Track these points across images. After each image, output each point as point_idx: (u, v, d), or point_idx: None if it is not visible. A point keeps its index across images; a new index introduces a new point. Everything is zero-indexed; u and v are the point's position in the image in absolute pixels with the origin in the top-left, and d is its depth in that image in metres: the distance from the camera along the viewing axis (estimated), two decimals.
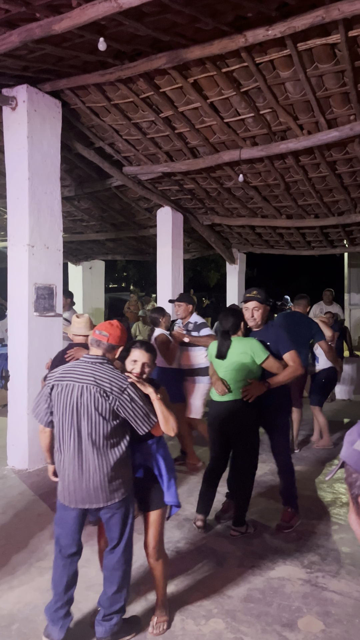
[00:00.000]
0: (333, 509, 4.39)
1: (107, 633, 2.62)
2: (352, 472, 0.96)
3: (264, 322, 3.96)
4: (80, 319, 4.20)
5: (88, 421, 2.53)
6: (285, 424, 4.07)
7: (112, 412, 2.54)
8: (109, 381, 2.55)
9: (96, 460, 2.55)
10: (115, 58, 4.94)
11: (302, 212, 7.95)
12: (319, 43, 4.42)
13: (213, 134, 6.11)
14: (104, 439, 2.54)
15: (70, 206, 9.07)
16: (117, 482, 2.58)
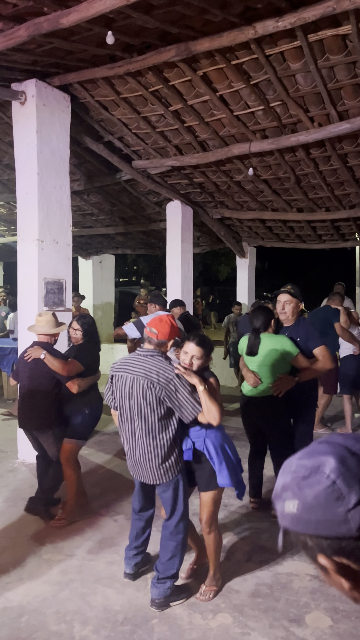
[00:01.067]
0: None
1: (160, 595, 2.91)
2: (297, 536, 0.80)
3: (295, 317, 4.04)
4: (43, 317, 4.14)
5: (138, 408, 2.83)
6: (311, 416, 4.17)
7: (159, 401, 2.79)
8: (156, 372, 2.79)
9: (146, 443, 2.86)
10: (124, 51, 4.91)
11: (313, 205, 7.88)
12: (330, 34, 4.36)
13: (223, 127, 6.06)
14: (153, 424, 2.83)
15: (80, 200, 9.07)
16: (167, 463, 2.87)
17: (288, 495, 0.79)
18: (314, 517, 0.76)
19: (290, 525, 0.79)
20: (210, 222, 9.23)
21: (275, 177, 7.12)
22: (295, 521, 0.78)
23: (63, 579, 3.22)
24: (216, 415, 2.78)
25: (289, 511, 0.79)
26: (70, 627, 2.76)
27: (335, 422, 7.08)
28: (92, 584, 3.17)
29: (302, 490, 0.77)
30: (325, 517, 0.75)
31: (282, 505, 0.80)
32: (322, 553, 0.77)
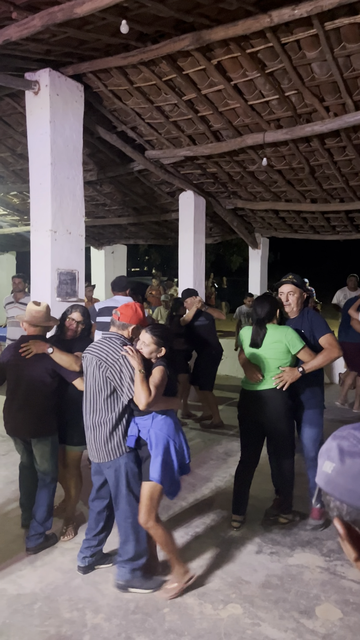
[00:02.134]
0: None
1: (119, 578, 3.02)
2: (325, 494, 0.88)
3: (299, 308, 3.86)
4: (41, 306, 3.62)
5: (90, 387, 3.03)
6: (316, 419, 3.86)
7: (105, 380, 2.94)
8: (106, 352, 2.97)
9: (94, 420, 3.02)
10: (138, 40, 4.87)
11: (327, 196, 7.80)
12: (347, 22, 4.28)
13: (237, 116, 6.01)
14: (99, 403, 2.98)
15: (93, 190, 9.07)
16: (111, 443, 2.98)
17: (330, 456, 0.86)
18: (343, 483, 0.83)
19: (322, 483, 0.87)
20: (223, 213, 9.17)
21: (289, 167, 7.05)
22: (327, 481, 0.85)
23: (75, 566, 3.26)
24: (142, 399, 2.77)
25: (325, 470, 0.86)
26: (82, 615, 2.80)
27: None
28: (104, 573, 3.21)
29: (342, 456, 0.84)
30: (354, 488, 0.82)
31: (322, 463, 0.88)
32: (340, 518, 0.84)
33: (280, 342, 3.66)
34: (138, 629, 2.70)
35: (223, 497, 4.31)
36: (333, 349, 3.71)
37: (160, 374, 2.88)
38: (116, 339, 3.03)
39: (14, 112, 6.70)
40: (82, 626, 2.72)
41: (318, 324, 3.79)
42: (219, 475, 4.81)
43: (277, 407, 3.69)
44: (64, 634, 2.66)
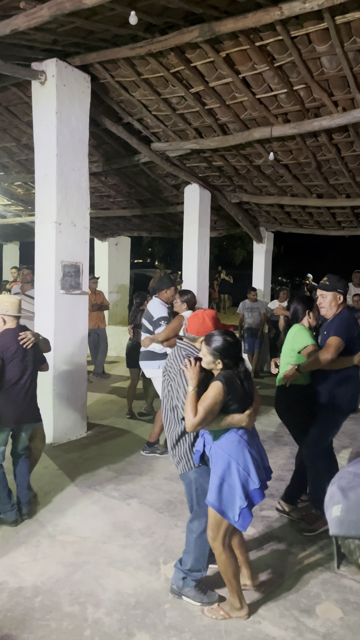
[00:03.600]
0: None
1: (173, 582, 2.96)
2: (343, 541, 0.87)
3: (335, 310, 3.74)
4: (15, 300, 3.79)
5: (163, 398, 2.99)
6: (321, 420, 3.74)
7: (167, 392, 2.91)
8: (170, 363, 2.91)
9: (168, 432, 2.96)
10: (146, 31, 4.82)
11: (333, 192, 7.75)
12: (358, 16, 4.22)
13: (244, 110, 5.95)
14: (170, 415, 2.92)
15: (98, 182, 9.02)
16: (177, 453, 2.91)
17: (334, 501, 0.87)
18: (356, 517, 0.83)
19: (336, 529, 0.86)
20: (228, 206, 9.13)
21: (296, 162, 7.00)
22: (340, 524, 0.85)
23: (77, 560, 3.27)
24: (186, 421, 2.56)
25: (335, 515, 0.86)
26: (83, 609, 2.81)
27: None
28: (105, 567, 3.22)
29: (346, 494, 0.85)
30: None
31: (330, 512, 0.87)
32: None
33: (289, 341, 3.81)
34: (139, 624, 2.70)
35: None
36: (325, 352, 3.54)
37: (213, 391, 2.55)
38: (183, 350, 2.89)
39: (20, 102, 6.65)
40: (83, 620, 2.73)
41: (336, 325, 3.66)
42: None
43: (287, 404, 3.84)
44: (65, 628, 2.67)
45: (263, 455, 2.79)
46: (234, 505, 2.58)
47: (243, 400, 2.64)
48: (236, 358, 2.67)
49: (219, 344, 2.61)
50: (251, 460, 2.63)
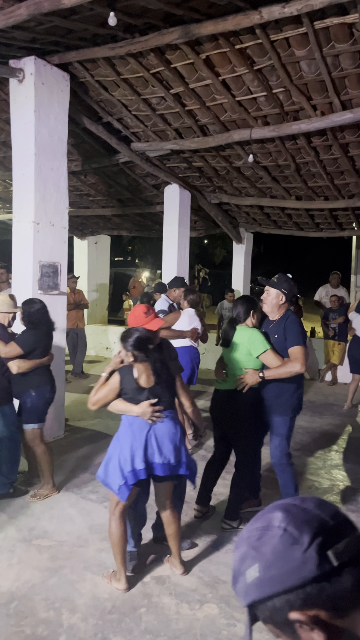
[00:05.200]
0: (330, 496, 4.43)
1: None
2: (265, 604, 0.80)
3: (278, 310, 3.70)
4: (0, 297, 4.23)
5: None
6: (279, 425, 3.72)
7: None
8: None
9: None
10: (126, 31, 4.79)
11: (312, 194, 7.82)
12: (337, 22, 4.27)
13: (224, 112, 5.97)
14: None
15: (77, 181, 8.96)
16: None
17: (248, 564, 0.81)
18: (277, 571, 0.77)
19: (256, 593, 0.79)
20: (208, 207, 9.15)
21: (275, 164, 7.05)
22: (261, 585, 0.78)
23: (53, 565, 3.25)
24: (90, 400, 3.03)
25: (252, 578, 0.79)
26: (58, 615, 2.79)
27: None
28: (81, 571, 3.20)
29: (259, 551, 0.80)
30: (287, 566, 0.77)
31: (244, 578, 0.81)
32: (293, 609, 0.76)
33: (243, 344, 3.65)
34: (114, 629, 2.70)
35: None
36: (296, 363, 3.48)
37: (110, 380, 3.00)
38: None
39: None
40: (59, 626, 2.71)
41: (291, 332, 3.58)
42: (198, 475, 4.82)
43: (235, 409, 3.68)
44: (40, 634, 2.65)
45: (164, 449, 2.95)
46: (115, 479, 2.91)
47: (138, 391, 2.96)
48: (146, 350, 2.94)
49: (129, 339, 2.92)
50: (130, 446, 2.92)
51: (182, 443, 3.04)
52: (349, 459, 5.37)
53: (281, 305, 3.71)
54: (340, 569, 0.75)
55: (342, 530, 0.79)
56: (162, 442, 2.95)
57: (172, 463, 2.96)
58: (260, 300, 3.83)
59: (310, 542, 0.76)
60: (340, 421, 6.74)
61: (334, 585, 0.75)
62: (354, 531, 0.79)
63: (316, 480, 4.76)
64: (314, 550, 0.76)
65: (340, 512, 0.82)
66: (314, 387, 8.75)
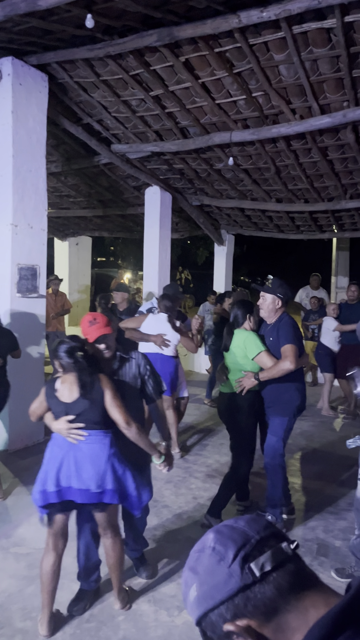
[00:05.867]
0: (308, 498, 4.46)
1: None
2: (204, 620, 0.85)
3: (274, 314, 3.77)
4: None
5: None
6: (276, 427, 3.77)
7: None
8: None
9: None
10: (105, 33, 4.76)
11: (292, 197, 7.87)
12: (315, 27, 4.30)
13: (204, 114, 5.97)
14: None
15: (57, 181, 8.89)
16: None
17: (189, 585, 0.87)
18: (208, 587, 0.83)
19: (197, 610, 0.85)
20: (189, 209, 9.15)
21: (256, 167, 7.07)
22: (198, 602, 0.84)
23: (30, 573, 3.21)
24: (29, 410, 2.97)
25: (193, 597, 0.85)
26: (35, 624, 2.76)
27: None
28: (59, 579, 3.16)
29: (195, 572, 0.86)
30: (215, 581, 0.83)
31: (189, 598, 0.87)
32: (226, 621, 0.82)
33: (239, 347, 3.73)
34: (92, 637, 2.67)
35: (182, 499, 4.32)
36: (286, 360, 3.53)
37: (41, 391, 2.88)
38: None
39: None
40: (35, 636, 2.67)
41: (284, 332, 3.65)
42: (179, 476, 4.82)
43: (236, 411, 3.79)
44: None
45: (83, 474, 2.62)
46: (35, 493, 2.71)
47: (57, 405, 2.71)
48: (75, 361, 2.65)
49: (57, 347, 2.70)
50: (46, 465, 2.70)
51: (114, 467, 2.66)
52: (328, 460, 5.41)
53: (277, 310, 3.79)
54: (262, 579, 0.81)
55: (265, 543, 0.84)
56: (81, 465, 2.62)
57: (93, 490, 2.60)
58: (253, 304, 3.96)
59: (234, 557, 0.83)
60: (320, 422, 6.80)
61: (258, 595, 0.80)
62: (277, 543, 0.85)
63: (295, 482, 4.79)
64: (237, 564, 0.82)
65: (268, 526, 0.88)
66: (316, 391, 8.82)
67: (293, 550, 0.85)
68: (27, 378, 5.40)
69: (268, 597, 0.80)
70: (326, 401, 7.24)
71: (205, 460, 5.24)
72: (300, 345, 3.73)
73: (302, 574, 0.83)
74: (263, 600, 0.80)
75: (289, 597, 0.80)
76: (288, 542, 0.86)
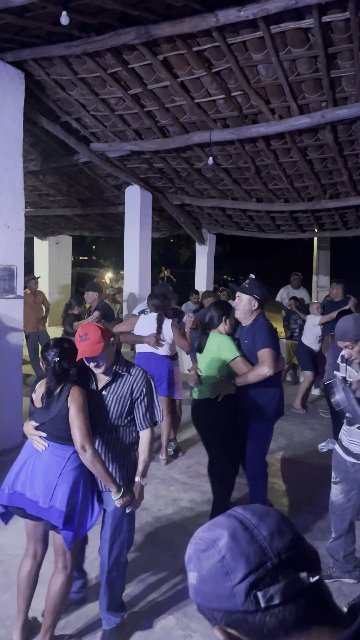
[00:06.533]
0: (287, 498, 4.46)
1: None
2: (199, 605, 0.83)
3: (250, 316, 3.64)
4: None
5: None
6: (255, 433, 3.67)
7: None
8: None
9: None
10: (82, 30, 4.71)
11: (272, 196, 7.88)
12: (292, 27, 4.30)
13: (183, 113, 5.94)
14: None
15: (36, 180, 8.79)
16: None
17: (191, 567, 0.83)
18: (208, 589, 0.79)
19: (192, 595, 0.83)
20: (170, 208, 9.11)
21: (236, 166, 7.07)
22: (195, 592, 0.82)
23: (5, 580, 3.15)
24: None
25: (192, 582, 0.82)
26: (10, 632, 2.70)
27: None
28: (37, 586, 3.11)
29: (200, 563, 0.81)
30: (216, 591, 0.78)
31: (188, 576, 0.84)
32: (217, 624, 0.80)
33: (213, 351, 3.61)
34: None
35: (161, 501, 4.29)
36: (263, 365, 3.42)
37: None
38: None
39: None
40: None
41: (259, 335, 3.53)
42: (159, 478, 4.79)
43: (212, 419, 3.62)
44: None
45: (35, 485, 2.47)
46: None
47: (31, 407, 2.60)
48: (52, 368, 2.53)
49: (46, 347, 2.60)
50: (13, 465, 2.60)
51: (68, 486, 2.44)
52: (308, 459, 5.42)
53: (253, 311, 3.65)
54: (266, 610, 0.75)
55: (282, 570, 0.77)
56: (35, 474, 2.48)
57: (41, 505, 2.43)
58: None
59: (241, 579, 0.76)
60: (301, 421, 6.82)
61: (257, 622, 0.76)
62: (296, 571, 0.77)
63: (275, 482, 4.79)
64: (243, 587, 0.76)
65: (295, 543, 0.80)
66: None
67: (312, 583, 0.77)
68: (5, 379, 5.32)
69: (268, 627, 0.75)
70: (299, 397, 7.23)
71: (186, 461, 5.21)
72: (277, 348, 3.61)
73: (315, 608, 0.76)
74: (262, 628, 0.75)
75: (292, 631, 0.75)
76: (309, 572, 0.77)
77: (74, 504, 2.45)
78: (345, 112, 5.13)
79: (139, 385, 2.62)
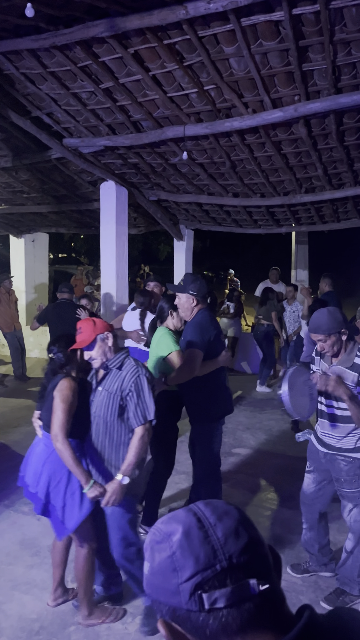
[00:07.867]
0: (268, 493, 4.46)
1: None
2: (150, 595, 0.82)
3: (191, 313, 3.51)
4: None
5: None
6: (202, 433, 3.57)
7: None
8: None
9: None
10: (49, 23, 4.60)
11: (248, 191, 7.86)
12: (263, 19, 4.25)
13: (156, 108, 5.87)
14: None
15: (9, 177, 8.63)
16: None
17: (146, 556, 0.82)
18: (156, 582, 0.79)
19: (144, 584, 0.83)
20: (147, 204, 9.03)
21: (211, 161, 7.02)
22: (146, 582, 0.82)
23: None
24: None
25: (145, 571, 0.82)
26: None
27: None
28: (9, 591, 3.06)
29: (153, 554, 0.80)
30: (164, 585, 0.77)
31: (144, 565, 0.84)
32: (162, 617, 0.79)
33: (154, 346, 3.57)
34: None
35: None
36: (184, 367, 3.29)
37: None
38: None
39: None
40: None
41: (188, 333, 3.42)
42: None
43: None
44: None
45: (29, 467, 2.80)
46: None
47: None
48: (52, 360, 2.81)
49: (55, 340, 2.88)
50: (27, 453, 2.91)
51: (49, 475, 2.61)
52: (288, 453, 5.43)
53: (194, 307, 3.52)
54: (209, 611, 0.73)
55: (231, 574, 0.75)
56: (30, 459, 2.82)
57: (30, 490, 2.73)
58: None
59: (187, 578, 0.75)
60: (281, 416, 6.83)
61: (200, 622, 0.74)
62: (245, 577, 0.75)
63: (254, 477, 4.79)
64: (188, 586, 0.75)
65: (252, 546, 0.77)
66: (254, 381, 8.84)
67: (261, 591, 0.74)
68: None
69: (210, 629, 0.74)
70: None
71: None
72: (214, 345, 3.44)
73: (261, 615, 0.74)
74: (204, 629, 0.74)
75: (235, 635, 0.73)
76: (260, 580, 0.74)
77: (56, 496, 2.56)
78: (317, 106, 5.11)
79: (129, 381, 2.62)
